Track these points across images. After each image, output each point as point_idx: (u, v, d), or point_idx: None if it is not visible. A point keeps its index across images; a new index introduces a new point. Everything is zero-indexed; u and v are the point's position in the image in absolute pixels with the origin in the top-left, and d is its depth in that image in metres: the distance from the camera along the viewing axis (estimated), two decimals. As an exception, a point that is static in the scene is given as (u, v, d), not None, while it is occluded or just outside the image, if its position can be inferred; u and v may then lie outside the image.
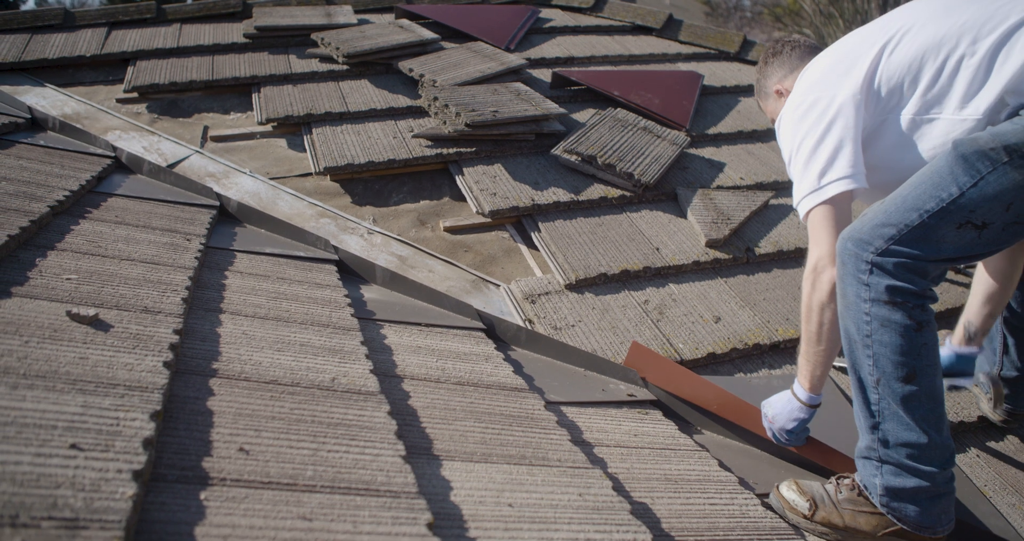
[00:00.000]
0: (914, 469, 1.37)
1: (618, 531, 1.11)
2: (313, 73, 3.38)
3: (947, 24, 1.45)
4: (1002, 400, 1.90)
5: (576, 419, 1.56)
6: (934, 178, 1.36)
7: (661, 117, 3.21)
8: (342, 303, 1.67)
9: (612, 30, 4.35)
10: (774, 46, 1.85)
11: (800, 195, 1.55)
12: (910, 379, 1.35)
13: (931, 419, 1.37)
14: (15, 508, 0.72)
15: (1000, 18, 1.39)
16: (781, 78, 1.80)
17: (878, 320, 1.36)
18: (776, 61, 1.82)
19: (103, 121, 2.96)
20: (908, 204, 1.37)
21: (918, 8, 1.54)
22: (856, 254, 1.39)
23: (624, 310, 2.18)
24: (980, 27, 1.40)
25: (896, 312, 1.35)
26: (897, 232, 1.36)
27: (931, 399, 1.37)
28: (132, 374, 1.05)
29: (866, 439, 1.44)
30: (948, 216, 1.33)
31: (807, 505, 1.47)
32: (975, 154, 1.32)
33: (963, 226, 1.34)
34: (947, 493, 1.40)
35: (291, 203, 2.57)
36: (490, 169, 2.77)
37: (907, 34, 1.49)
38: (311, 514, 0.90)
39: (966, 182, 1.32)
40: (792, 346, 2.16)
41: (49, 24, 3.63)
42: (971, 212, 1.33)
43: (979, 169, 1.31)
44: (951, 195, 1.33)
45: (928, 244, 1.35)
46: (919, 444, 1.36)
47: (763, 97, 1.89)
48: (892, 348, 1.35)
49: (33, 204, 1.58)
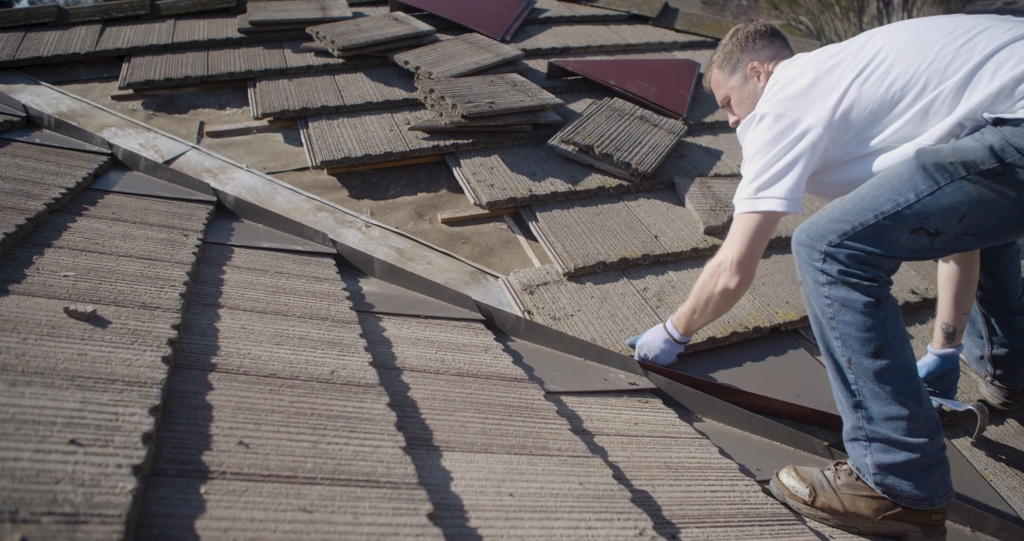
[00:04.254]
0: (901, 442, 1.40)
1: (619, 519, 1.11)
2: (308, 67, 3.37)
3: (917, 62, 1.48)
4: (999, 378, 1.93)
5: (576, 408, 1.56)
6: (893, 183, 1.42)
7: (658, 106, 3.20)
8: (340, 296, 1.67)
9: (608, 19, 4.34)
10: (756, 26, 1.86)
11: (738, 197, 1.64)
12: (879, 354, 1.40)
13: (907, 391, 1.40)
14: (15, 504, 0.72)
15: (963, 59, 1.44)
16: (762, 59, 1.82)
17: (838, 301, 1.43)
18: (760, 41, 1.83)
19: (99, 118, 2.95)
20: (865, 204, 1.43)
21: (893, 38, 1.56)
22: (810, 245, 1.46)
23: (623, 298, 2.18)
24: (946, 67, 1.45)
25: (853, 292, 1.41)
26: (851, 229, 1.42)
27: (903, 371, 1.41)
28: (131, 369, 1.05)
29: (850, 420, 1.47)
30: (903, 220, 1.40)
31: (807, 491, 1.47)
32: (935, 166, 1.38)
33: (916, 232, 1.41)
34: (939, 463, 1.42)
35: (288, 197, 2.57)
36: (487, 160, 2.76)
37: (879, 68, 1.52)
38: (311, 506, 0.90)
39: (923, 191, 1.39)
40: (792, 328, 2.17)
41: (43, 22, 3.61)
42: (925, 219, 1.39)
43: (937, 180, 1.38)
44: (907, 201, 1.39)
45: (881, 243, 1.41)
46: (901, 416, 1.39)
47: (728, 69, 1.87)
48: (856, 326, 1.41)
49: (30, 202, 1.58)
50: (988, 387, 1.95)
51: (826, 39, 13.31)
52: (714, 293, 1.68)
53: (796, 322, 2.15)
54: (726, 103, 1.93)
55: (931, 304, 2.32)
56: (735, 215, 1.65)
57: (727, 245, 1.65)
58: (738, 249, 1.62)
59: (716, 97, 1.96)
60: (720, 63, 1.90)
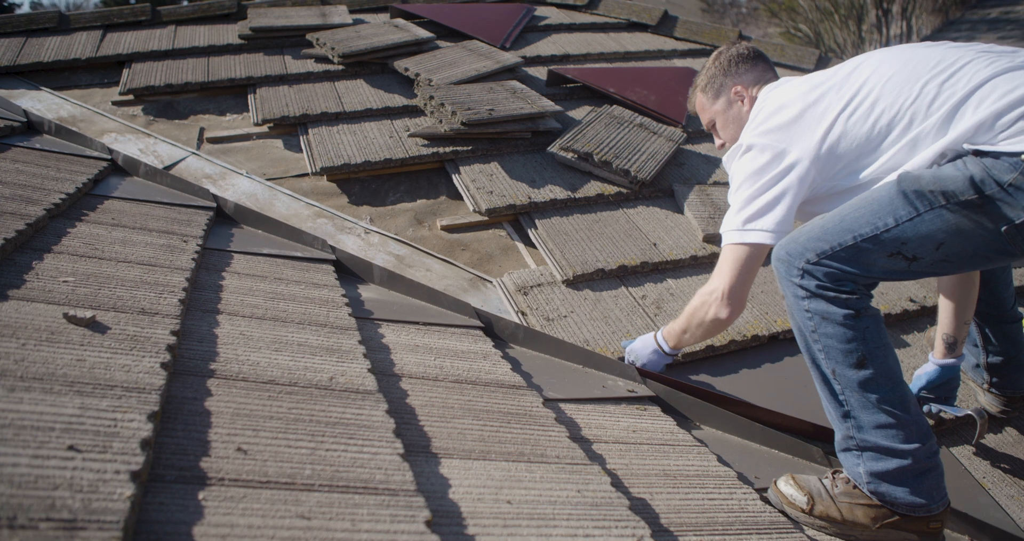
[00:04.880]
0: (892, 449, 1.40)
1: (617, 527, 1.11)
2: (309, 73, 3.38)
3: (903, 97, 1.50)
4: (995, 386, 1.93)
5: (574, 416, 1.56)
6: (873, 206, 1.44)
7: (657, 114, 3.21)
8: (339, 303, 1.67)
9: (607, 27, 4.35)
10: (742, 49, 1.87)
11: (725, 228, 1.67)
12: (862, 364, 1.41)
13: (893, 399, 1.41)
14: (13, 510, 0.72)
15: (947, 94, 1.46)
16: (746, 83, 1.84)
17: (819, 314, 1.44)
18: (744, 65, 1.85)
19: (99, 124, 2.96)
20: (844, 225, 1.45)
21: (879, 69, 1.57)
22: (788, 261, 1.48)
23: (616, 300, 2.19)
24: (931, 103, 1.47)
25: (832, 305, 1.43)
26: (830, 248, 1.44)
27: (888, 379, 1.42)
28: (130, 375, 1.05)
29: (841, 430, 1.48)
30: (880, 244, 1.41)
31: (805, 499, 1.47)
32: (915, 193, 1.39)
33: (894, 255, 1.42)
34: (932, 468, 1.42)
35: (288, 204, 2.57)
36: (487, 167, 2.77)
37: (864, 102, 1.54)
38: (309, 513, 0.90)
39: (902, 216, 1.40)
40: (790, 337, 2.17)
41: (44, 27, 3.63)
42: (903, 244, 1.40)
43: (917, 207, 1.39)
44: (886, 225, 1.41)
45: (858, 264, 1.43)
46: (890, 424, 1.40)
47: (711, 93, 1.89)
48: (837, 338, 1.43)
49: (29, 207, 1.58)
50: (986, 395, 1.95)
51: (825, 47, 13.35)
52: (705, 321, 1.73)
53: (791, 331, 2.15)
54: (711, 127, 1.95)
55: (929, 312, 2.33)
56: (723, 244, 1.67)
57: (717, 274, 1.68)
58: (728, 280, 1.65)
59: (701, 121, 1.98)
60: (704, 87, 1.91)
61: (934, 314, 2.33)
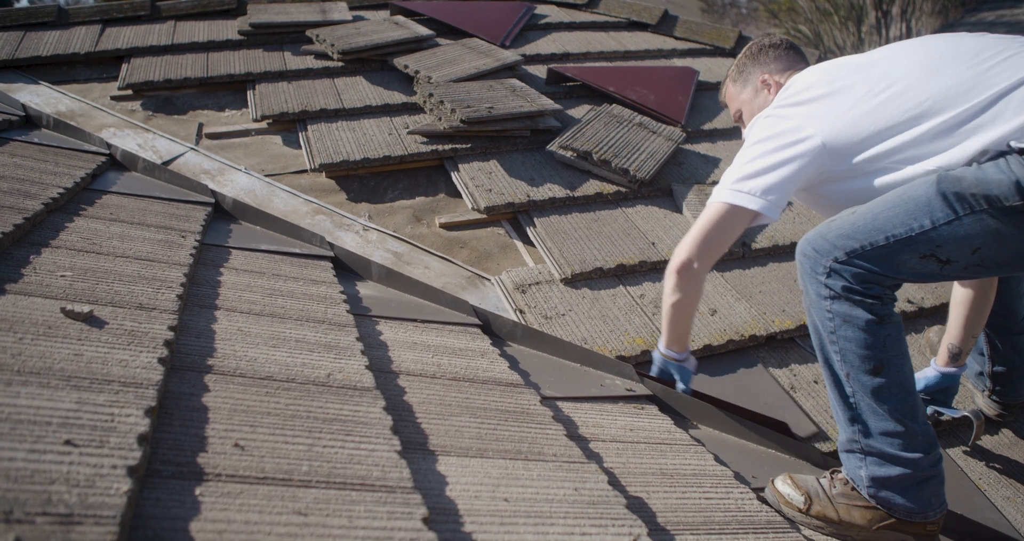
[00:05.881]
0: (897, 457, 1.39)
1: (613, 525, 1.11)
2: (308, 70, 3.37)
3: (935, 83, 1.43)
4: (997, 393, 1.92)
5: (572, 414, 1.56)
6: (909, 206, 1.37)
7: (656, 113, 3.21)
8: (337, 299, 1.67)
9: (607, 26, 4.35)
10: (771, 39, 1.84)
11: (719, 184, 1.58)
12: (878, 371, 1.38)
13: (904, 409, 1.39)
14: (9, 504, 0.72)
15: (987, 85, 1.39)
16: (772, 71, 1.79)
17: (840, 316, 1.40)
18: (773, 53, 1.80)
19: (97, 119, 2.95)
20: (877, 224, 1.38)
21: (904, 60, 1.52)
22: (815, 258, 1.43)
23: (614, 298, 2.19)
24: (968, 91, 1.40)
25: (856, 308, 1.38)
26: (860, 247, 1.38)
27: (901, 390, 1.39)
28: (127, 370, 1.05)
29: (846, 432, 1.46)
30: (914, 245, 1.36)
31: (802, 499, 1.47)
32: (955, 195, 1.33)
33: (927, 257, 1.36)
34: (934, 477, 1.41)
35: (286, 200, 2.57)
36: (485, 165, 2.77)
37: (893, 86, 1.47)
38: (306, 509, 0.90)
39: (940, 219, 1.33)
40: (789, 337, 2.17)
41: (43, 21, 3.62)
42: (938, 247, 1.35)
43: (956, 210, 1.33)
44: (922, 227, 1.35)
45: (888, 265, 1.38)
46: (898, 433, 1.39)
47: (741, 82, 1.85)
48: (856, 342, 1.39)
49: (27, 201, 1.58)
50: (984, 400, 1.96)
51: (824, 48, 13.36)
52: (667, 288, 1.64)
53: (792, 330, 2.16)
54: (738, 117, 1.90)
55: (927, 314, 2.33)
56: (708, 202, 1.59)
57: (685, 243, 1.59)
58: (694, 249, 1.57)
59: (730, 111, 1.93)
60: (733, 77, 1.87)
61: (932, 315, 2.33)
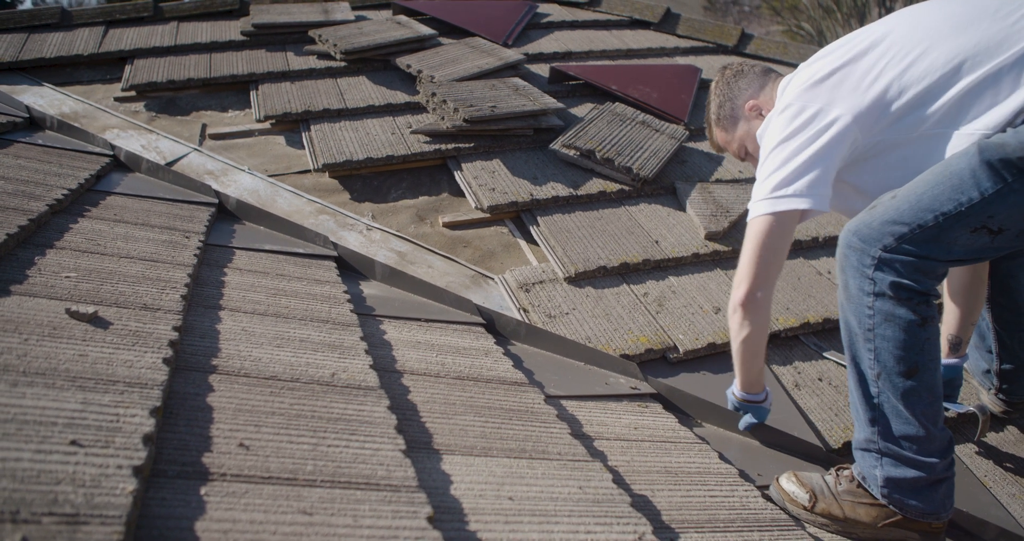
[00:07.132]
0: (914, 461, 1.38)
1: (618, 523, 1.11)
2: (311, 70, 3.38)
3: (961, 43, 1.38)
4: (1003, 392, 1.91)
5: (576, 413, 1.56)
6: (953, 180, 1.32)
7: (659, 111, 3.21)
8: (341, 299, 1.67)
9: (610, 24, 4.34)
10: (733, 68, 1.77)
11: (752, 200, 1.50)
12: (912, 374, 1.35)
13: (930, 413, 1.38)
14: (16, 504, 0.72)
15: (1016, 38, 1.34)
16: (753, 94, 1.71)
17: (882, 314, 1.35)
18: (743, 80, 1.73)
19: (101, 120, 2.96)
20: (923, 204, 1.33)
21: (924, 21, 1.46)
22: (862, 249, 1.36)
23: (618, 297, 2.18)
24: (998, 45, 1.35)
25: (900, 307, 1.34)
26: (909, 231, 1.33)
27: (931, 394, 1.37)
28: (132, 371, 1.05)
29: (865, 432, 1.44)
30: (965, 220, 1.30)
31: (807, 497, 1.47)
32: (1001, 162, 1.28)
33: (978, 230, 1.32)
34: (947, 479, 1.41)
35: (290, 200, 2.57)
36: (488, 164, 2.77)
37: (914, 50, 1.42)
38: (311, 508, 0.90)
39: (988, 188, 1.29)
40: (793, 334, 2.16)
41: (46, 23, 3.62)
42: (989, 217, 1.30)
43: (1004, 176, 1.28)
44: (971, 199, 1.30)
45: (939, 245, 1.33)
46: (918, 437, 1.37)
47: (727, 123, 1.75)
48: (895, 342, 1.35)
49: (32, 203, 1.58)
50: (990, 397, 1.95)
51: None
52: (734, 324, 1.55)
53: (796, 328, 2.15)
54: (743, 153, 1.77)
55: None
56: (749, 219, 1.50)
57: (740, 263, 1.51)
58: (749, 281, 1.48)
59: (731, 154, 1.82)
60: (718, 121, 1.78)
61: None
